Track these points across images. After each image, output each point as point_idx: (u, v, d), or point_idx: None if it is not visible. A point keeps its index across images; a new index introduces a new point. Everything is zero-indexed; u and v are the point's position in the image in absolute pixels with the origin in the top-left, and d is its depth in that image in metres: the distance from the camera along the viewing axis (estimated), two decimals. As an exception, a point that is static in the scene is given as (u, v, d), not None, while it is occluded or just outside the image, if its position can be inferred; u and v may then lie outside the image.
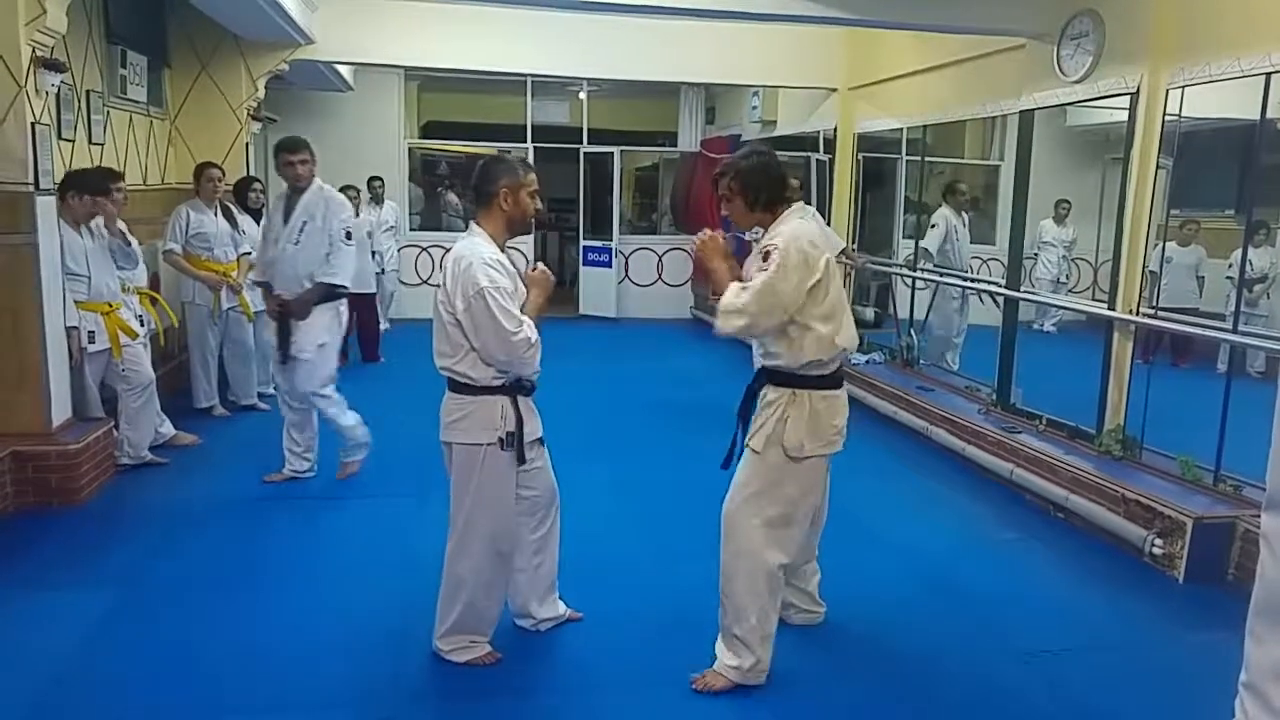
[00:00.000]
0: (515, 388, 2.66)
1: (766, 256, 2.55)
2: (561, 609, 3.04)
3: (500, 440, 2.62)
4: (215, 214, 5.45)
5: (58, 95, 4.39)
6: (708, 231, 2.73)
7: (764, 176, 2.64)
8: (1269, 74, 3.65)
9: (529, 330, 2.55)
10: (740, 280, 2.64)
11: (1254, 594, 0.86)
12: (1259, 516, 0.86)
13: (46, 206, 3.96)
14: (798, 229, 2.59)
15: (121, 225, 4.48)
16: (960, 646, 3.04)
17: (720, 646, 2.70)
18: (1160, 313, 4.41)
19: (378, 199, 8.47)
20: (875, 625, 3.15)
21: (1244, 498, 3.72)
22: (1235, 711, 0.87)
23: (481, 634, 2.80)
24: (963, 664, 2.93)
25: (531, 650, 2.92)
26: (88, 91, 5.05)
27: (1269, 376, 4.59)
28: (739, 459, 2.73)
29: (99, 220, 4.38)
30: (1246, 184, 4.11)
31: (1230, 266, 4.63)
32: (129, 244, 4.50)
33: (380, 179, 8.51)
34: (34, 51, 3.86)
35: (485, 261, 2.53)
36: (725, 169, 2.69)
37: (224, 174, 5.58)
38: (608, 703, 2.66)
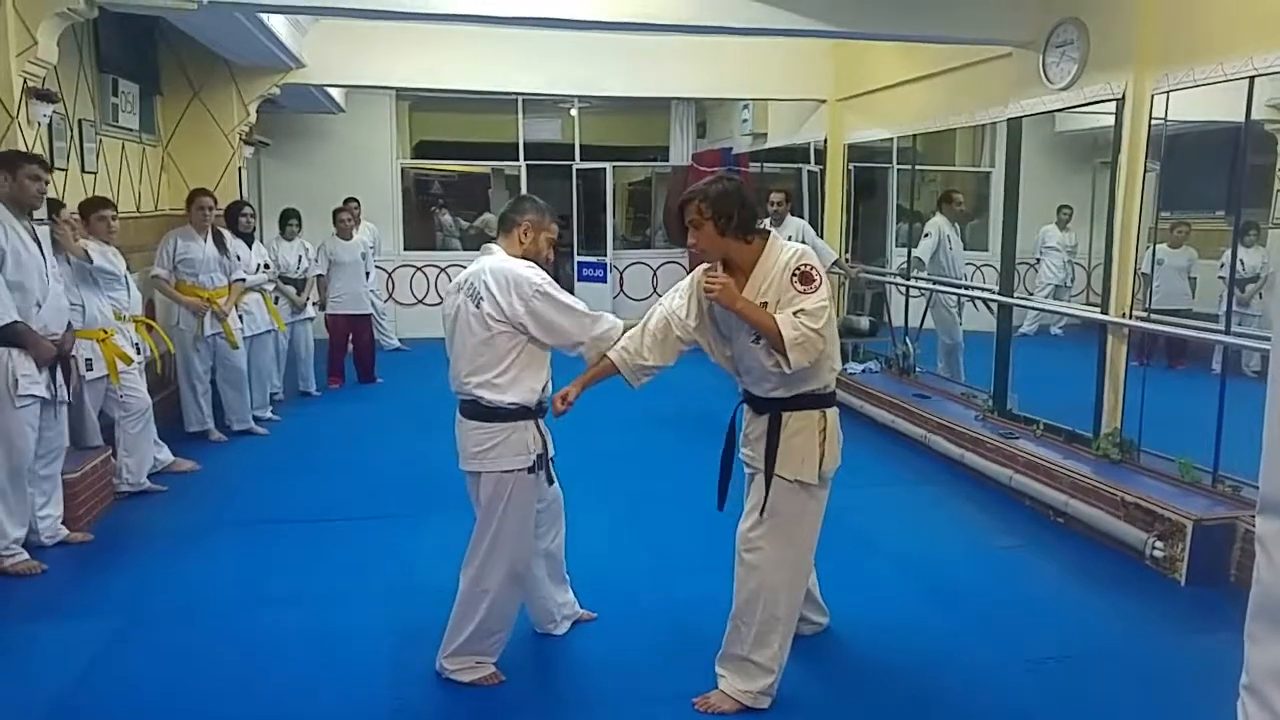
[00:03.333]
0: (538, 410, 2.70)
1: (807, 279, 2.47)
2: (575, 602, 3.14)
3: (532, 465, 2.67)
4: (206, 240, 5.44)
5: (49, 125, 4.41)
6: (718, 276, 2.49)
7: (735, 201, 2.51)
8: (1252, 77, 3.69)
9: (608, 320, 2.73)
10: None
11: (1251, 597, 0.87)
12: (1256, 518, 0.87)
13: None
14: (804, 247, 2.60)
15: (90, 245, 4.26)
16: (962, 655, 3.03)
17: (729, 669, 2.66)
18: (1153, 315, 4.43)
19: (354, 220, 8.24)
20: (877, 635, 3.14)
21: (1243, 498, 3.73)
22: (1237, 713, 0.87)
23: (489, 655, 2.79)
24: (965, 673, 2.92)
25: (534, 670, 2.91)
26: (80, 120, 5.06)
27: (1264, 376, 4.59)
28: (759, 493, 2.62)
29: (89, 246, 4.35)
30: (1234, 185, 4.14)
31: (1221, 267, 4.65)
32: (90, 261, 4.21)
33: (356, 200, 8.00)
34: (25, 82, 3.88)
35: (529, 266, 2.66)
36: (691, 194, 2.56)
37: (215, 202, 5.57)
38: (611, 720, 2.65)
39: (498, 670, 2.80)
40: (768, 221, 5.95)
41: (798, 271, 2.48)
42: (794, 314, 2.43)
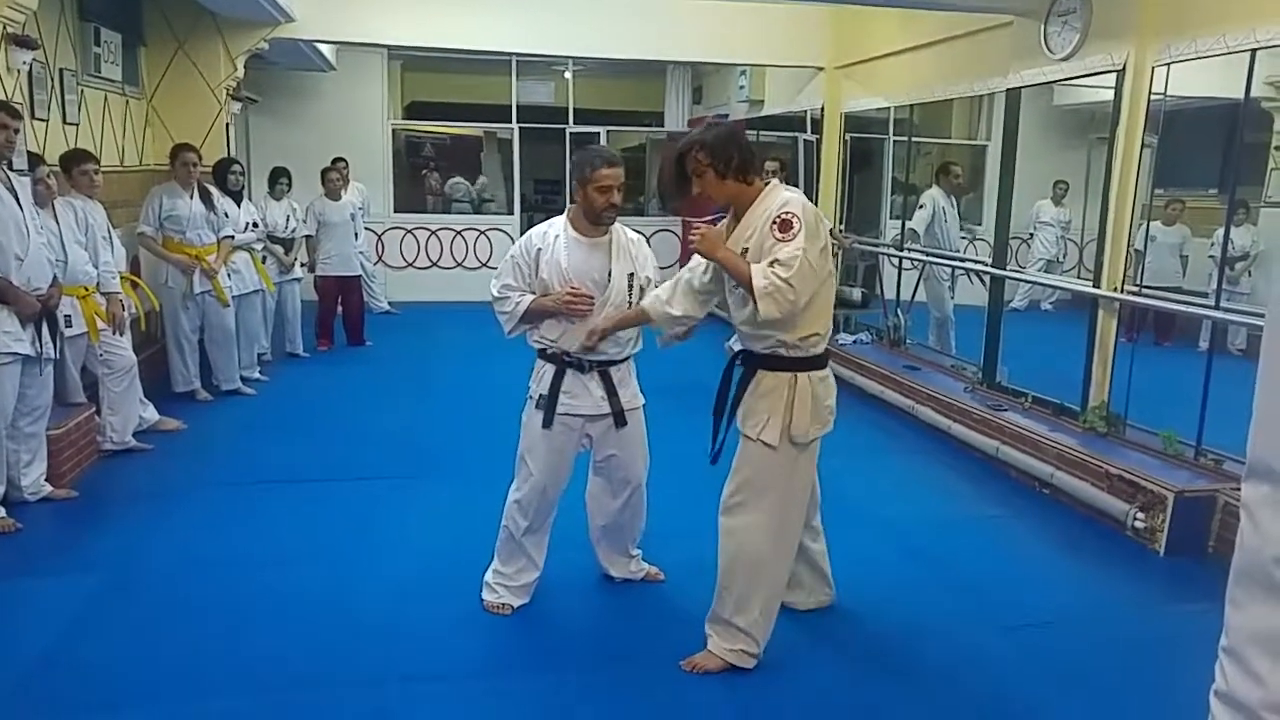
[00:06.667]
0: (555, 358, 2.91)
1: (786, 226, 2.42)
2: (641, 567, 3.28)
3: (535, 399, 2.94)
4: (191, 197, 5.35)
5: (29, 74, 4.30)
6: (702, 229, 2.57)
7: (730, 144, 2.52)
8: (1254, 50, 3.66)
9: (511, 300, 2.91)
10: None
11: (1234, 561, 0.87)
12: (1239, 489, 0.87)
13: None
14: (797, 196, 2.55)
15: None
16: (946, 621, 3.07)
17: (715, 630, 2.69)
18: (1144, 291, 4.44)
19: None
20: (861, 601, 3.16)
21: (1224, 471, 3.77)
22: (1215, 675, 0.88)
23: (505, 583, 3.00)
24: (948, 638, 2.95)
25: (522, 628, 2.93)
26: (61, 70, 4.95)
27: (1249, 354, 4.63)
28: (722, 450, 2.67)
29: (72, 201, 4.28)
30: (1229, 163, 4.13)
31: (1213, 245, 4.66)
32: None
33: (344, 160, 7.80)
34: (4, 28, 3.78)
35: (543, 229, 2.99)
36: (688, 145, 2.56)
37: (200, 157, 5.47)
38: (599, 680, 2.67)
39: (509, 604, 2.99)
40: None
41: (778, 219, 2.45)
42: (769, 264, 2.40)
